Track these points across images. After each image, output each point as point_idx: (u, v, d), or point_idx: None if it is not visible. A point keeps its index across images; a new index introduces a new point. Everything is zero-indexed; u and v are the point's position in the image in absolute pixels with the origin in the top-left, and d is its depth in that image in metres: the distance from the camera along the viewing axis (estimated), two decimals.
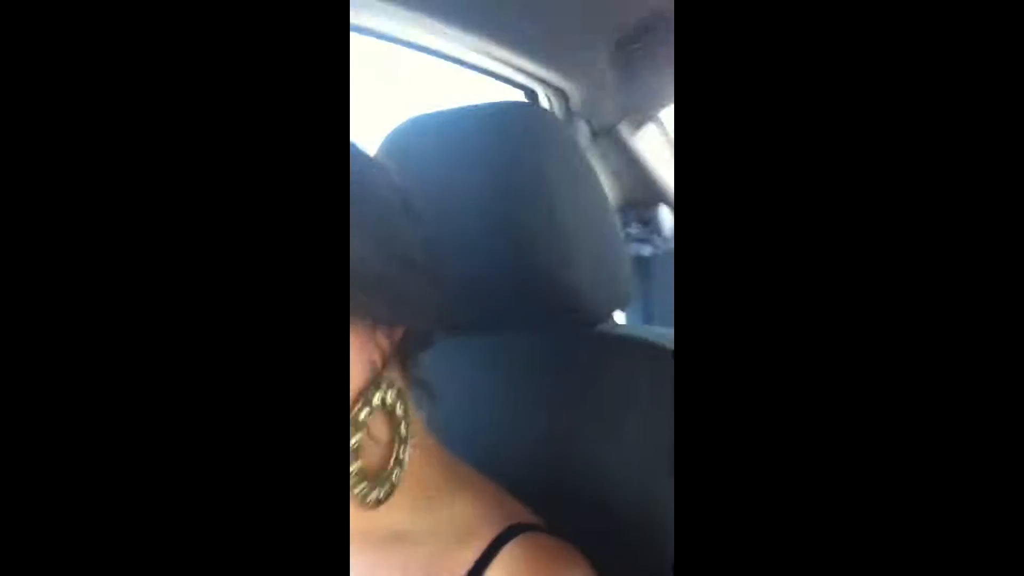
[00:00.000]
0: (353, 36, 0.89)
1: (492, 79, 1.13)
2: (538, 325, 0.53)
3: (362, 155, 0.42)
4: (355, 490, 0.38)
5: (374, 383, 0.39)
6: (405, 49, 0.99)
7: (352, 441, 0.38)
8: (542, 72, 1.16)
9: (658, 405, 0.47)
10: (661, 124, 1.60)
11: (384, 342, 0.40)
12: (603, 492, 0.48)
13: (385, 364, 0.40)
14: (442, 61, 1.05)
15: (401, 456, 0.40)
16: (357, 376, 0.38)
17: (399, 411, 0.40)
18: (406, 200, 0.41)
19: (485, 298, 0.46)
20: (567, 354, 0.52)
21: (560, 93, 1.23)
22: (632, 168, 1.73)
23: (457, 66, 1.08)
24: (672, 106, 1.58)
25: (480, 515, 0.41)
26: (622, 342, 0.52)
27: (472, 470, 0.44)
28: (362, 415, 0.38)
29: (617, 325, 0.56)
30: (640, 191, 1.79)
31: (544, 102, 1.21)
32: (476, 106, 0.54)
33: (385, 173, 0.41)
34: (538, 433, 0.51)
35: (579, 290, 0.49)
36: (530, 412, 0.52)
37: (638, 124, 1.54)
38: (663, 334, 0.53)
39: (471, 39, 1.00)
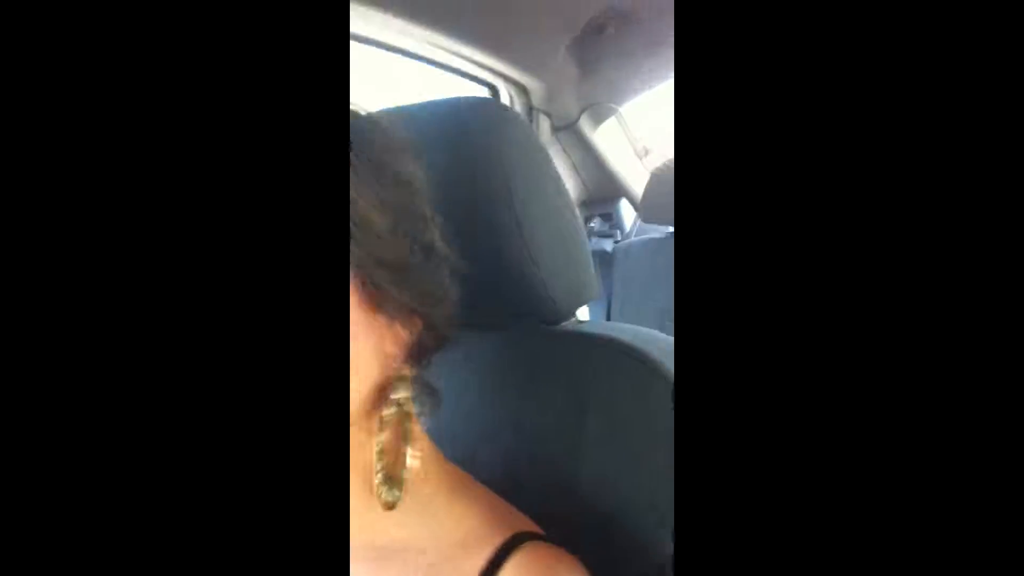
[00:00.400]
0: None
1: (454, 75, 1.13)
2: (504, 324, 0.53)
3: (395, 137, 0.41)
4: (378, 492, 0.38)
5: (395, 381, 0.39)
6: (368, 48, 0.98)
7: (381, 440, 0.38)
8: (503, 68, 1.16)
9: (628, 402, 0.47)
10: (622, 119, 1.61)
11: (403, 335, 0.40)
12: (581, 493, 0.48)
13: (403, 361, 0.39)
14: (405, 59, 1.04)
15: (407, 457, 0.40)
16: (374, 372, 0.38)
17: (409, 409, 0.40)
18: (424, 189, 0.41)
19: (461, 297, 0.46)
20: (533, 352, 0.52)
21: (521, 88, 1.23)
22: (593, 163, 1.74)
23: (420, 63, 1.07)
24: (632, 100, 1.59)
25: (483, 523, 0.40)
26: (589, 339, 0.52)
27: (468, 476, 0.44)
28: (387, 413, 0.38)
29: (581, 322, 0.56)
30: (601, 186, 1.80)
31: (505, 98, 1.21)
32: (436, 101, 0.53)
33: (407, 153, 0.41)
34: (508, 436, 0.51)
35: (545, 287, 0.49)
36: (501, 414, 0.52)
37: (599, 119, 1.55)
38: (627, 330, 0.53)
39: (432, 36, 0.99)
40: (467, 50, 1.05)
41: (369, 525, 0.40)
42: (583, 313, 1.24)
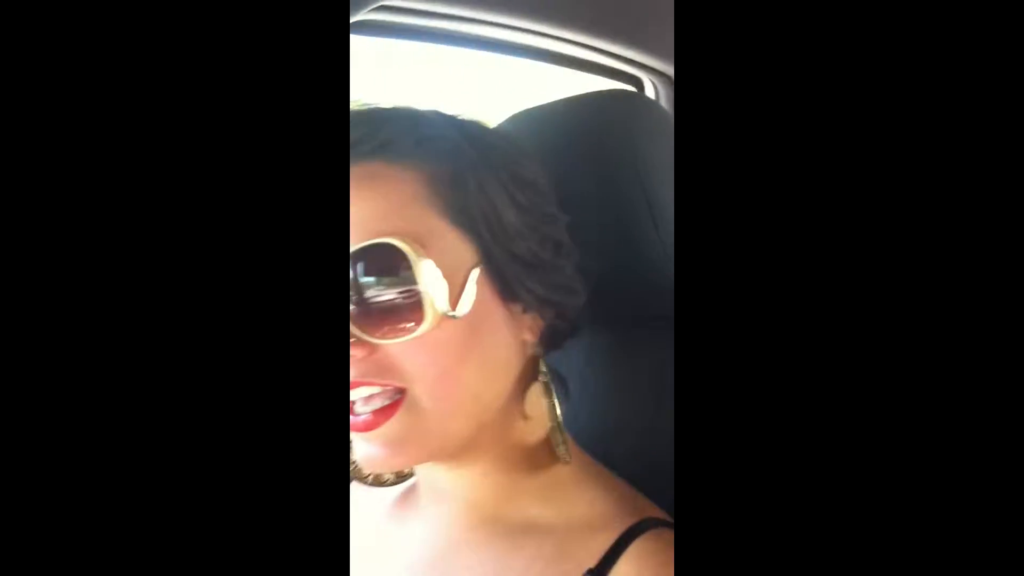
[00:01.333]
0: (459, 49, 0.93)
1: (598, 75, 1.14)
2: (634, 323, 0.53)
3: (513, 143, 0.45)
4: (556, 452, 0.42)
5: (535, 363, 0.42)
6: (513, 57, 1.03)
7: (554, 405, 0.42)
8: (646, 59, 1.15)
9: None
10: None
11: (537, 324, 0.43)
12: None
13: (536, 346, 0.43)
14: (548, 64, 1.07)
15: (560, 424, 0.43)
16: (514, 356, 0.42)
17: (548, 384, 0.43)
18: (550, 185, 0.44)
19: (597, 294, 0.47)
20: (661, 358, 0.51)
21: (666, 80, 1.21)
22: None
23: (564, 67, 1.10)
24: None
25: (611, 507, 0.42)
26: None
27: (600, 465, 0.46)
28: (531, 390, 0.42)
29: None
30: None
31: (650, 90, 1.20)
32: (580, 95, 0.54)
33: (531, 159, 0.44)
34: (641, 427, 0.51)
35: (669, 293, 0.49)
36: (628, 415, 0.52)
37: None
38: None
39: (570, 33, 1.01)
40: (606, 43, 1.06)
41: (508, 502, 0.43)
42: None
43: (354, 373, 0.38)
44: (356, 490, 0.50)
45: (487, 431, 0.41)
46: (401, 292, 0.37)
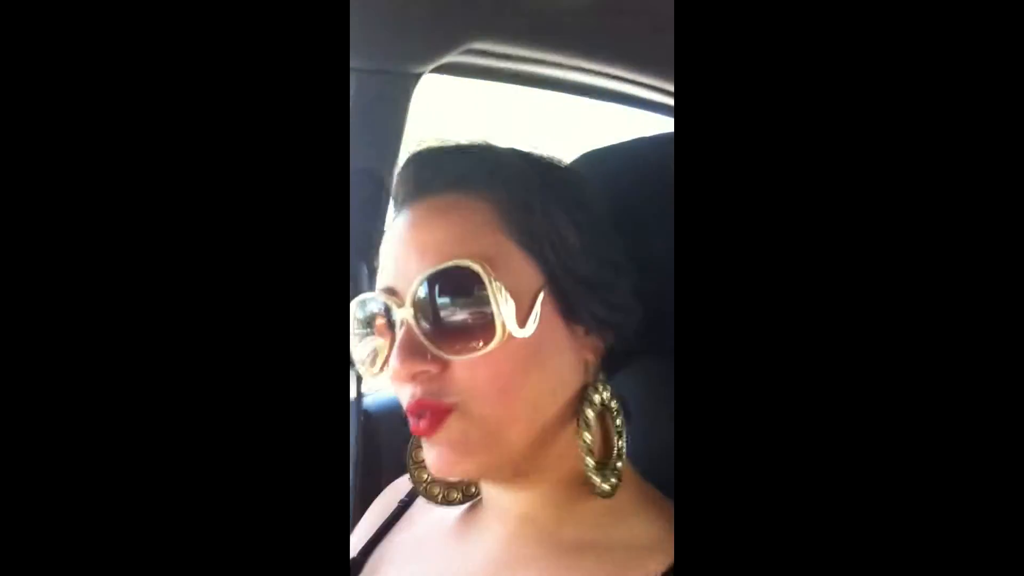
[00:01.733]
0: (519, 88, 0.98)
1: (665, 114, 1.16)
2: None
3: (573, 170, 0.48)
4: (590, 484, 0.42)
5: (592, 384, 0.44)
6: (587, 98, 1.06)
7: (586, 438, 0.42)
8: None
9: None
10: None
11: (599, 345, 0.45)
12: None
13: (597, 367, 0.45)
14: (621, 105, 1.10)
15: (621, 446, 0.44)
16: (576, 376, 0.43)
17: (614, 406, 0.45)
18: (607, 215, 0.47)
19: (655, 321, 0.48)
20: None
21: None
22: None
23: (636, 108, 1.13)
24: None
25: (667, 530, 0.42)
26: None
27: (655, 489, 0.47)
28: (590, 415, 0.43)
29: None
30: None
31: None
32: (648, 137, 0.57)
33: (589, 184, 0.47)
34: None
35: None
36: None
37: None
38: None
39: (642, 76, 1.04)
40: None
41: (567, 521, 0.44)
42: None
43: (423, 389, 0.40)
44: (425, 507, 0.52)
45: (547, 451, 0.43)
46: (473, 312, 0.39)
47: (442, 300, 0.40)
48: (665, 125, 1.17)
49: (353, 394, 0.77)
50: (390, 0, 0.73)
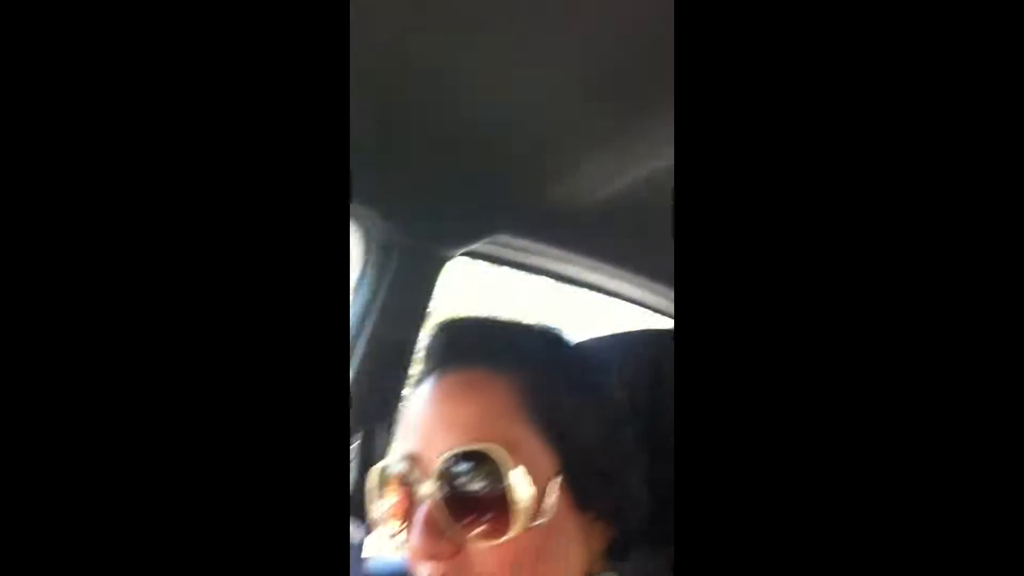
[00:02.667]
0: (533, 277, 1.06)
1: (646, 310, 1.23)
2: None
3: (592, 356, 0.50)
4: None
5: (597, 574, 0.44)
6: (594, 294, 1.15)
7: None
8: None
9: None
10: None
11: (606, 532, 0.45)
12: None
13: (603, 555, 0.44)
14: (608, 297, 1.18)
15: None
16: (580, 563, 0.43)
17: None
18: (618, 400, 0.47)
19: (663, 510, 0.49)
20: None
21: None
22: None
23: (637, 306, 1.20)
24: None
25: None
26: None
27: None
28: None
29: None
30: None
31: None
32: (618, 334, 0.60)
33: (608, 374, 0.49)
34: None
35: None
36: None
37: None
38: None
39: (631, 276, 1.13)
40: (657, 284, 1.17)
41: None
42: None
43: (442, 570, 0.40)
44: None
45: None
46: (495, 498, 0.39)
47: (465, 482, 0.40)
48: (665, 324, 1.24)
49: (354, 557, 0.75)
50: (431, 183, 0.79)
